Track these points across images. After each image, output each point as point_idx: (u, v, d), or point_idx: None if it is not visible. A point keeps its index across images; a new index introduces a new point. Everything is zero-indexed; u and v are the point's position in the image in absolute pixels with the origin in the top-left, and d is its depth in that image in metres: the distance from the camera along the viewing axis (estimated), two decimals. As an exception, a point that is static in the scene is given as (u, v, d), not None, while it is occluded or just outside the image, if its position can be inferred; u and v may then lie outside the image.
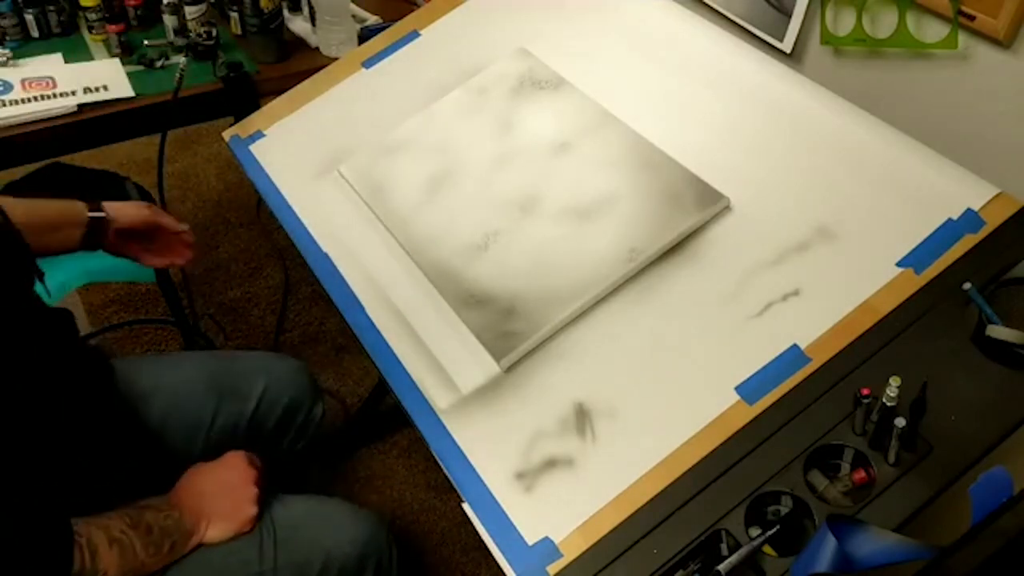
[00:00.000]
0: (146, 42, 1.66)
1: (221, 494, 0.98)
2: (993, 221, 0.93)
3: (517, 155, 1.14)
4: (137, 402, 1.07)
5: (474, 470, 0.88)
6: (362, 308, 1.05)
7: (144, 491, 0.94)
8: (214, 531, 0.95)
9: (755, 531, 0.79)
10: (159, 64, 1.66)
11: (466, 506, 0.86)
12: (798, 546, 0.76)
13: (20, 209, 0.96)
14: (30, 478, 0.81)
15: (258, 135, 1.32)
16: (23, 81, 1.50)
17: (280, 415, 1.16)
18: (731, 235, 1.00)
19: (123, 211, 1.10)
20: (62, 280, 1.42)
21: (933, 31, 1.06)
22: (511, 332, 0.96)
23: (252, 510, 0.98)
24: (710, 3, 1.34)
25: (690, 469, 0.83)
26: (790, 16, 1.23)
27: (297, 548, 0.98)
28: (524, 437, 0.90)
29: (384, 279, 1.08)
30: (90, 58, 1.66)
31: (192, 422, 1.10)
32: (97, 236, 1.07)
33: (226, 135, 1.36)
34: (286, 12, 1.80)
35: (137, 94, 1.55)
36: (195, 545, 0.94)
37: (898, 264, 0.92)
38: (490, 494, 0.86)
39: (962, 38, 1.03)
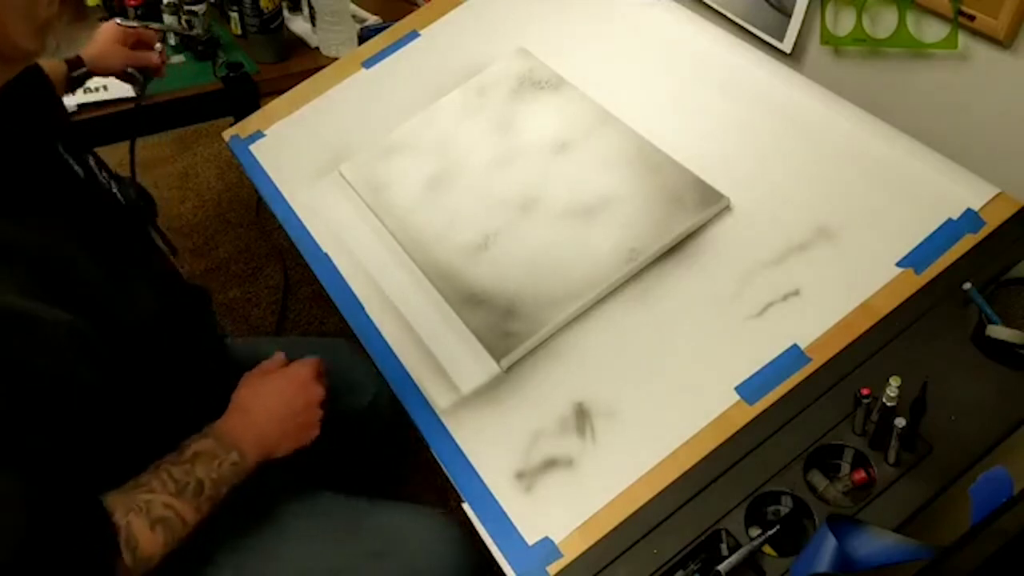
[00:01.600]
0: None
1: (287, 417, 0.90)
2: (993, 221, 0.93)
3: (517, 155, 1.14)
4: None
5: (474, 470, 0.88)
6: (362, 308, 1.05)
7: None
8: (274, 455, 0.89)
9: (755, 531, 0.79)
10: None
11: (466, 506, 0.87)
12: (798, 546, 0.76)
13: None
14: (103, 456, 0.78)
15: (258, 135, 1.32)
16: (23, 81, 1.50)
17: (394, 412, 1.11)
18: (731, 235, 1.00)
19: (102, 60, 1.19)
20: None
21: (933, 31, 1.06)
22: (511, 332, 0.96)
23: (315, 431, 0.92)
24: (710, 3, 1.34)
25: (690, 469, 0.83)
26: (790, 16, 1.23)
27: (390, 566, 0.94)
28: (524, 437, 0.90)
29: (384, 279, 1.07)
30: (90, 58, 1.66)
31: None
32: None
33: (226, 135, 1.36)
34: (286, 12, 1.80)
35: (137, 94, 1.55)
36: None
37: (898, 264, 0.92)
38: (490, 494, 0.86)
39: (962, 38, 1.03)
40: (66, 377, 0.72)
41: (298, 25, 1.83)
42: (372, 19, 1.84)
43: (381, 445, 1.15)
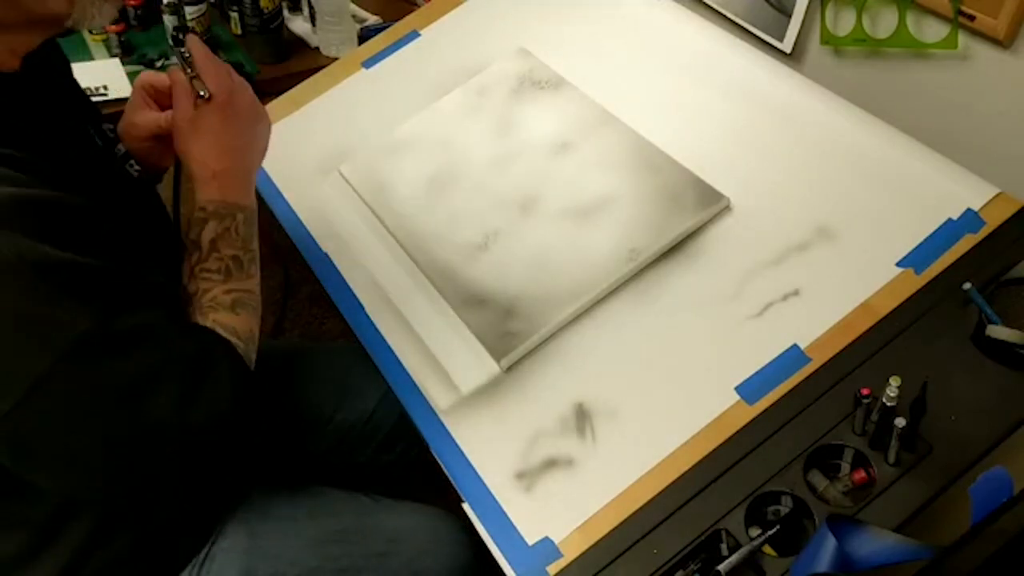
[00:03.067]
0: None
1: (246, 141, 0.88)
2: (993, 221, 0.93)
3: (517, 155, 1.14)
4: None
5: (474, 470, 0.88)
6: (362, 308, 1.05)
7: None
8: (255, 171, 0.91)
9: (755, 531, 0.79)
10: (159, 64, 1.66)
11: (466, 506, 0.87)
12: (798, 546, 0.76)
13: None
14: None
15: (258, 135, 1.32)
16: (23, 81, 1.50)
17: (397, 419, 1.14)
18: (731, 235, 1.00)
19: (131, 128, 0.96)
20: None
21: (933, 31, 1.06)
22: (511, 332, 0.96)
23: (265, 121, 0.91)
24: (710, 3, 1.34)
25: (690, 469, 0.83)
26: (790, 16, 1.23)
27: (393, 565, 0.96)
28: (524, 437, 0.90)
29: (384, 279, 1.07)
30: (90, 58, 1.66)
31: (314, 415, 1.12)
32: None
33: (226, 135, 1.36)
34: (286, 12, 1.80)
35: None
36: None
37: (898, 264, 0.92)
38: (490, 494, 0.86)
39: (962, 38, 1.03)
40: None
41: (298, 25, 1.83)
42: (372, 19, 1.84)
43: (383, 450, 1.16)
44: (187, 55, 0.86)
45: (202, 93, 0.85)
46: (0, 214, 0.66)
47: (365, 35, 1.71)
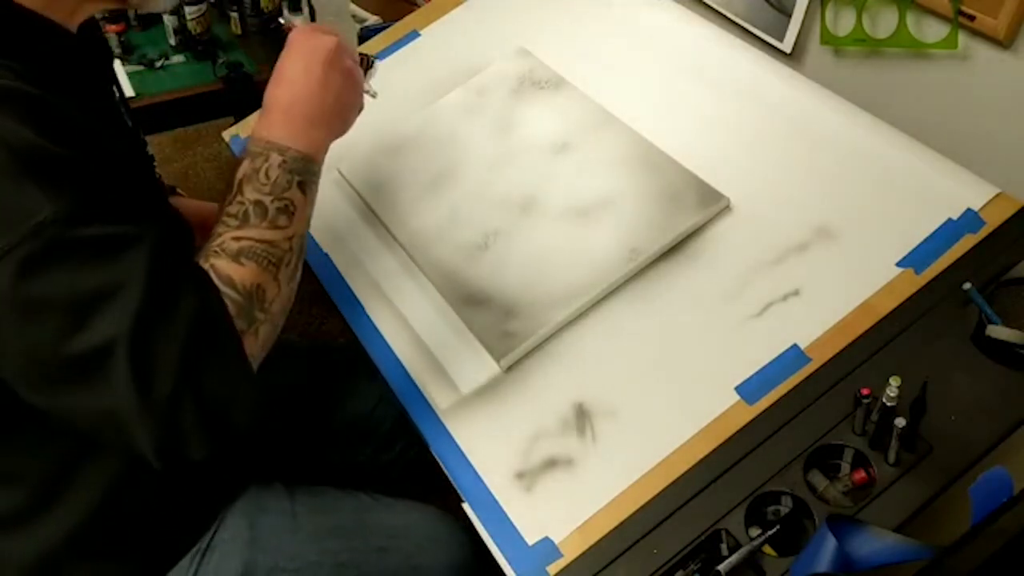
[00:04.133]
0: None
1: (313, 85, 0.83)
2: (993, 221, 0.93)
3: (517, 155, 1.14)
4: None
5: (474, 470, 0.88)
6: (362, 308, 1.05)
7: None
8: (326, 124, 0.83)
9: (755, 531, 0.79)
10: (159, 64, 1.66)
11: (466, 506, 0.87)
12: (798, 546, 0.76)
13: None
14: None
15: (258, 135, 1.32)
16: (23, 81, 1.50)
17: (396, 418, 1.13)
18: (731, 235, 1.00)
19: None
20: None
21: (933, 31, 1.06)
22: (511, 332, 0.96)
23: (357, 83, 0.87)
24: (710, 3, 1.34)
25: (690, 469, 0.83)
26: (790, 16, 1.23)
27: (392, 561, 0.96)
28: (524, 437, 0.90)
29: (384, 279, 1.07)
30: (90, 58, 1.66)
31: (313, 414, 1.12)
32: None
33: (226, 135, 1.36)
34: (286, 12, 1.80)
35: (137, 94, 1.55)
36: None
37: (898, 264, 0.92)
38: (490, 494, 0.86)
39: (962, 38, 1.03)
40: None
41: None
42: (372, 19, 1.84)
43: (382, 449, 1.16)
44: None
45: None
46: None
47: (365, 35, 1.71)
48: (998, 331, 0.85)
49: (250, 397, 0.70)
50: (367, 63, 0.92)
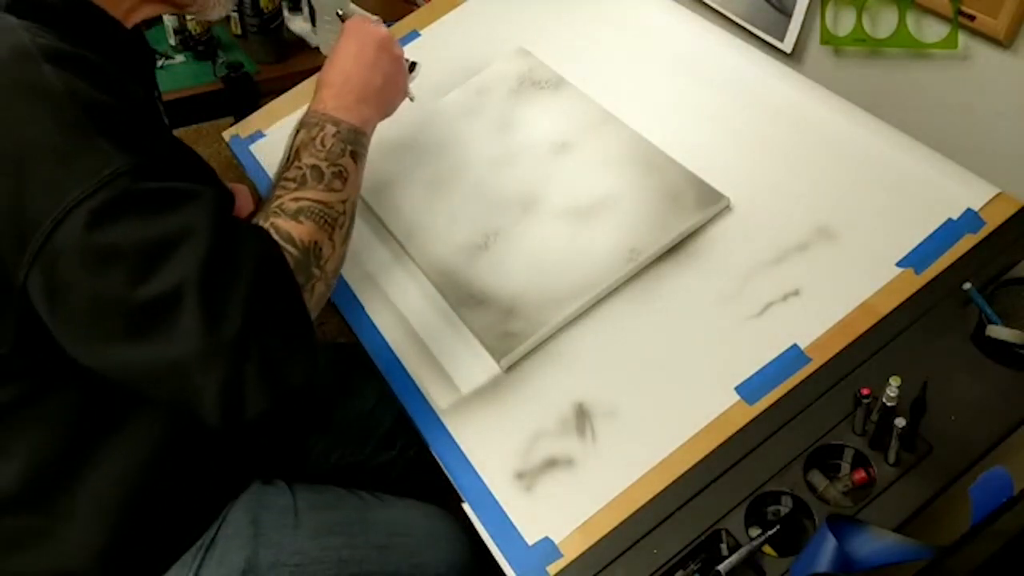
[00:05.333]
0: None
1: (364, 68, 0.93)
2: (993, 221, 0.93)
3: (517, 155, 1.14)
4: None
5: (474, 470, 0.88)
6: (362, 308, 1.05)
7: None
8: (373, 98, 0.93)
9: (755, 531, 0.79)
10: (159, 64, 1.66)
11: (466, 506, 0.87)
12: (798, 546, 0.76)
13: None
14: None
15: (258, 135, 1.32)
16: (23, 81, 1.50)
17: (396, 417, 1.14)
18: (731, 235, 1.00)
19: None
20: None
21: (933, 31, 1.06)
22: (511, 332, 0.96)
23: (400, 65, 0.98)
24: (710, 3, 1.34)
25: (690, 469, 0.83)
26: (790, 16, 1.23)
27: (392, 558, 0.96)
28: (524, 437, 0.90)
29: (384, 279, 1.07)
30: (90, 58, 1.66)
31: (313, 413, 1.12)
32: None
33: (226, 135, 1.36)
34: (286, 12, 1.80)
35: (137, 94, 1.55)
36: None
37: (898, 264, 0.92)
38: (490, 494, 0.86)
39: (962, 38, 1.03)
40: None
41: (298, 25, 1.83)
42: (372, 19, 1.83)
43: (382, 448, 1.16)
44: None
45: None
46: (60, 57, 0.68)
47: (365, 35, 1.71)
48: (998, 331, 0.85)
49: (309, 351, 0.73)
50: (410, 66, 0.99)
